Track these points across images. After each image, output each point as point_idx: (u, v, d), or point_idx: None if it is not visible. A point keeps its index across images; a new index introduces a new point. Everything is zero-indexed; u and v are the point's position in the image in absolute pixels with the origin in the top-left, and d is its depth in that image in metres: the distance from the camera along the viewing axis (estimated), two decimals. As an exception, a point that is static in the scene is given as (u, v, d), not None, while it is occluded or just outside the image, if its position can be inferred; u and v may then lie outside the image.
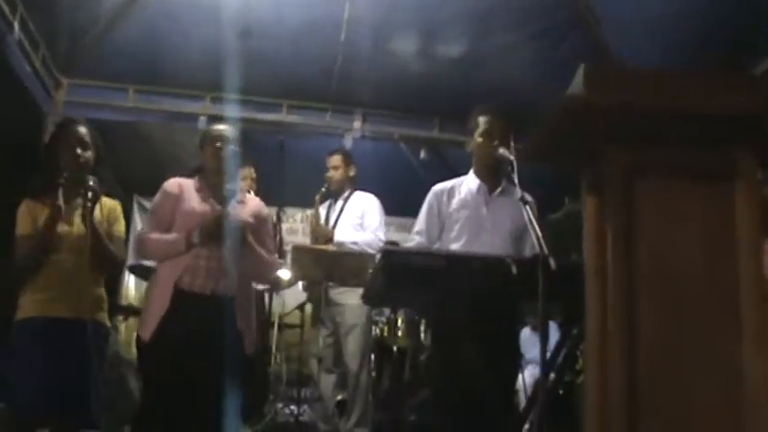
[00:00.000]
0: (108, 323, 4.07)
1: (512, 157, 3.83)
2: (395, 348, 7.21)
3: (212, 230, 3.89)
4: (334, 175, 6.22)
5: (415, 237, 4.18)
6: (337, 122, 7.40)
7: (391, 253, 3.32)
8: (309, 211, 9.33)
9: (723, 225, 1.77)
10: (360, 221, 6.07)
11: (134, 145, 8.35)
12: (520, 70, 6.60)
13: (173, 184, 4.12)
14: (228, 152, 4.12)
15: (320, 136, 7.51)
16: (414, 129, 7.54)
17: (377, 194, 6.28)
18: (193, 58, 6.68)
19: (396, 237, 7.89)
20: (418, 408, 7.11)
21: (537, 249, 3.25)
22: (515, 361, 4.08)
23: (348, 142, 7.23)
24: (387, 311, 7.13)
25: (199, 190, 4.10)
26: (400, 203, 6.77)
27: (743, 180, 1.77)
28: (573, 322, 3.73)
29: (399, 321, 7.44)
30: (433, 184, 4.31)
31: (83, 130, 3.97)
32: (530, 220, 3.48)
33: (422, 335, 7.79)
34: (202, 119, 7.11)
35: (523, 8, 6.28)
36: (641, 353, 1.70)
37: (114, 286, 8.58)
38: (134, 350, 8.43)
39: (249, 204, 4.22)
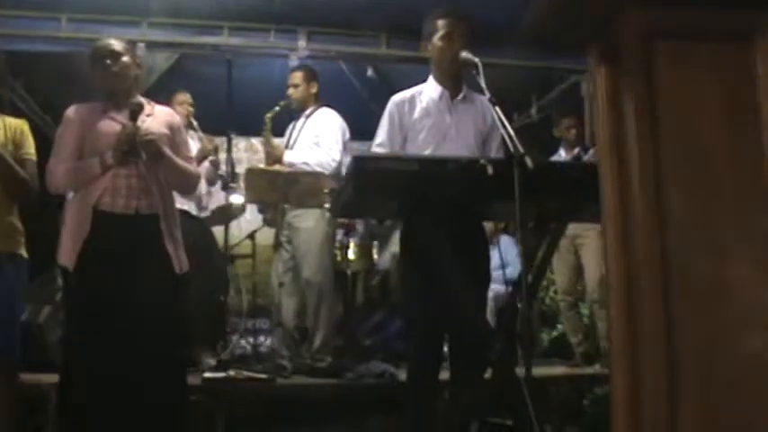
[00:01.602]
0: (24, 254, 3.87)
1: (476, 60, 3.72)
2: (348, 273, 7.16)
3: (126, 148, 3.73)
4: (294, 92, 6.05)
5: (376, 149, 4.04)
6: (281, 43, 7.17)
7: (362, 159, 3.21)
8: (255, 140, 9.25)
9: (745, 89, 1.68)
10: (316, 140, 5.87)
11: (63, 78, 8.04)
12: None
13: (74, 110, 3.93)
14: (121, 66, 3.93)
15: (264, 59, 7.34)
16: (360, 46, 7.34)
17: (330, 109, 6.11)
18: (128, -19, 6.39)
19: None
20: (372, 331, 7.11)
21: (510, 150, 3.20)
22: (489, 269, 4.02)
23: (294, 63, 7.02)
24: (339, 236, 7.04)
25: (103, 111, 3.91)
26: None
27: (764, 41, 1.66)
28: (546, 225, 3.67)
29: (352, 245, 7.38)
30: (376, 105, 4.15)
31: None
32: (501, 120, 3.40)
33: (375, 257, 7.76)
34: (141, 45, 6.83)
35: None
36: (671, 226, 1.62)
37: (56, 228, 8.39)
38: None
39: (158, 116, 4.04)
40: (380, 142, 4.03)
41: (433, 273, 3.54)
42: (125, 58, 3.93)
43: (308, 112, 6.05)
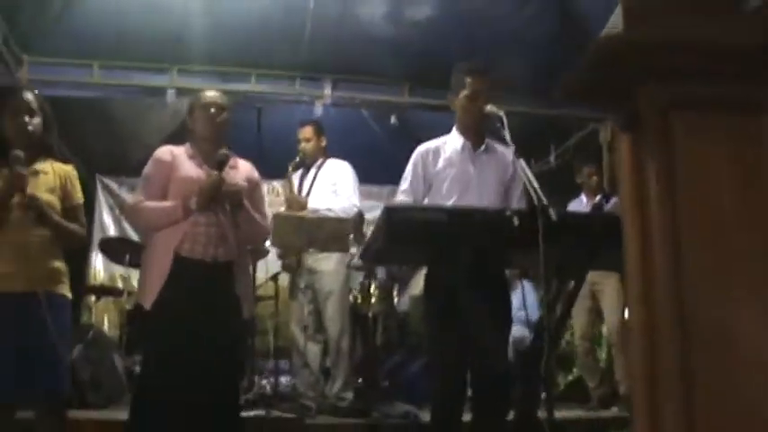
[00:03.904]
0: (68, 294, 3.88)
1: (501, 113, 3.88)
2: (370, 315, 7.28)
3: (210, 196, 3.89)
4: (306, 146, 6.28)
5: (400, 197, 4.19)
6: (307, 90, 7.41)
7: (393, 209, 3.35)
8: (276, 183, 9.44)
9: (754, 156, 1.82)
10: (334, 188, 6.12)
11: (95, 123, 8.29)
12: (488, 29, 6.61)
13: (164, 151, 4.10)
14: (224, 119, 4.12)
15: (290, 105, 7.53)
16: (383, 94, 7.56)
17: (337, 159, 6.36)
18: (158, 30, 6.58)
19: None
20: (391, 372, 7.21)
21: (533, 202, 3.36)
22: (510, 313, 4.15)
23: (318, 110, 7.24)
24: (360, 278, 7.20)
25: (191, 156, 4.08)
26: (364, 171, 6.72)
27: (771, 112, 1.82)
28: (569, 274, 3.81)
29: (372, 288, 7.51)
30: (396, 151, 4.30)
31: (29, 96, 3.83)
32: (525, 173, 3.56)
33: (394, 299, 7.90)
34: (170, 92, 7.09)
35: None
36: (689, 280, 1.75)
37: (80, 266, 8.59)
38: (109, 328, 8.46)
39: (241, 169, 4.21)
40: (405, 189, 4.19)
41: (457, 316, 3.68)
42: (226, 114, 4.14)
43: (318, 163, 6.31)
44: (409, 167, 4.23)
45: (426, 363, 4.99)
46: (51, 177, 3.82)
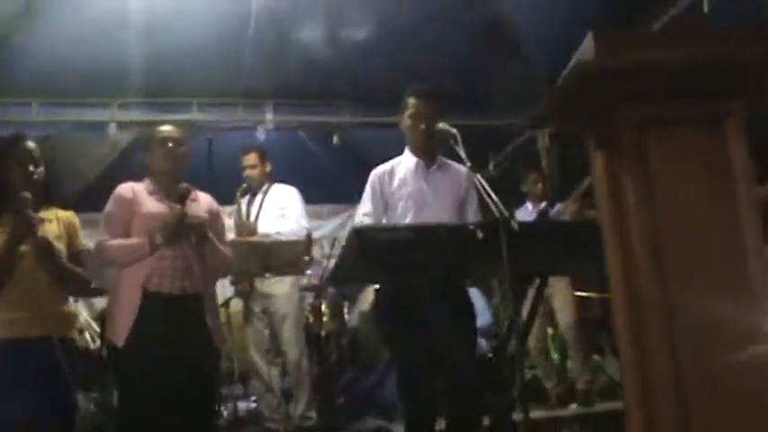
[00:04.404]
0: (77, 338, 4.00)
1: (453, 130, 3.99)
2: (323, 333, 7.34)
3: (174, 230, 3.93)
4: (252, 173, 6.37)
5: (363, 219, 4.28)
6: (249, 116, 7.46)
7: (361, 231, 3.45)
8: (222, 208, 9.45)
9: (721, 165, 1.96)
10: (282, 212, 6.23)
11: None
12: (426, 48, 6.74)
13: (125, 189, 4.12)
14: (182, 153, 4.17)
15: (234, 131, 7.57)
16: (324, 115, 7.65)
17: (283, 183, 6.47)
18: (97, 64, 6.54)
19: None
20: (345, 388, 7.28)
21: (493, 215, 3.48)
22: (475, 323, 4.26)
23: (261, 135, 7.30)
24: (310, 299, 7.26)
25: (152, 192, 4.12)
26: (306, 191, 6.78)
27: (734, 122, 1.96)
28: (530, 281, 3.94)
29: (323, 306, 7.56)
30: (338, 170, 4.38)
31: (32, 145, 3.84)
32: (484, 187, 3.69)
33: (346, 317, 7.96)
34: (112, 126, 7.08)
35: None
36: (671, 282, 1.88)
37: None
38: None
39: (201, 201, 4.26)
40: (366, 212, 4.29)
41: (421, 329, 3.78)
42: (184, 147, 4.19)
43: (264, 188, 6.40)
44: (367, 190, 4.34)
45: (396, 376, 5.05)
46: (56, 225, 3.84)
